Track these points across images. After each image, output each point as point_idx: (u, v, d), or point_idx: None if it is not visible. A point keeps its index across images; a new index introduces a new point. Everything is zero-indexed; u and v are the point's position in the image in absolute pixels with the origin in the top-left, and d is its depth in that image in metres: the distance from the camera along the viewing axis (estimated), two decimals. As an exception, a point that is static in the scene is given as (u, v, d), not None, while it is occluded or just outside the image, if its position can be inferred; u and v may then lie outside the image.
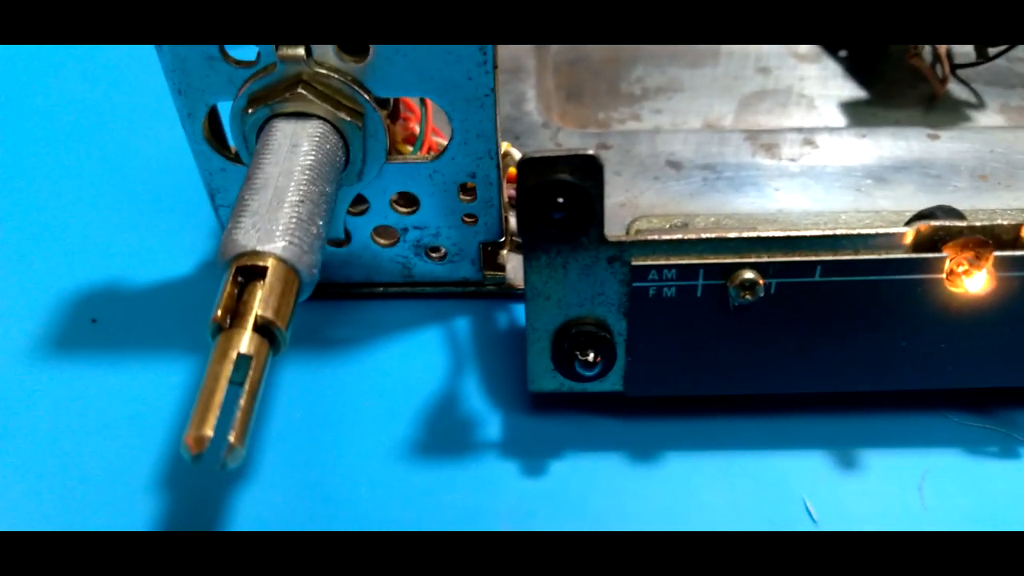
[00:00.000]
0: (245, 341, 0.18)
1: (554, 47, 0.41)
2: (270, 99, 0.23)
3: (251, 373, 0.18)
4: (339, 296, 0.29)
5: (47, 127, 0.38)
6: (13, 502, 0.24)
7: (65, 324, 0.29)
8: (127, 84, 0.41)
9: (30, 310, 0.30)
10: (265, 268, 0.19)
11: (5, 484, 0.25)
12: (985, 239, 0.21)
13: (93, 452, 0.25)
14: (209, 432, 0.17)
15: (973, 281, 0.21)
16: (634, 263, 0.21)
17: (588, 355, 0.23)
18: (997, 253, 0.21)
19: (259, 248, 0.20)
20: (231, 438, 0.17)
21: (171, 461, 0.25)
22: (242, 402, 0.18)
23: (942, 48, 0.37)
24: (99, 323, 0.29)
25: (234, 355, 0.18)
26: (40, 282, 0.31)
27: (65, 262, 0.31)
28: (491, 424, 0.26)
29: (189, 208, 0.33)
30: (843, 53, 0.40)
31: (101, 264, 0.31)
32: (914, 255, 0.21)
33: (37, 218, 0.34)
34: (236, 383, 0.18)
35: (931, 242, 0.21)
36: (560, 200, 0.20)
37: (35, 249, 0.32)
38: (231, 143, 0.26)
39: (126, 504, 0.24)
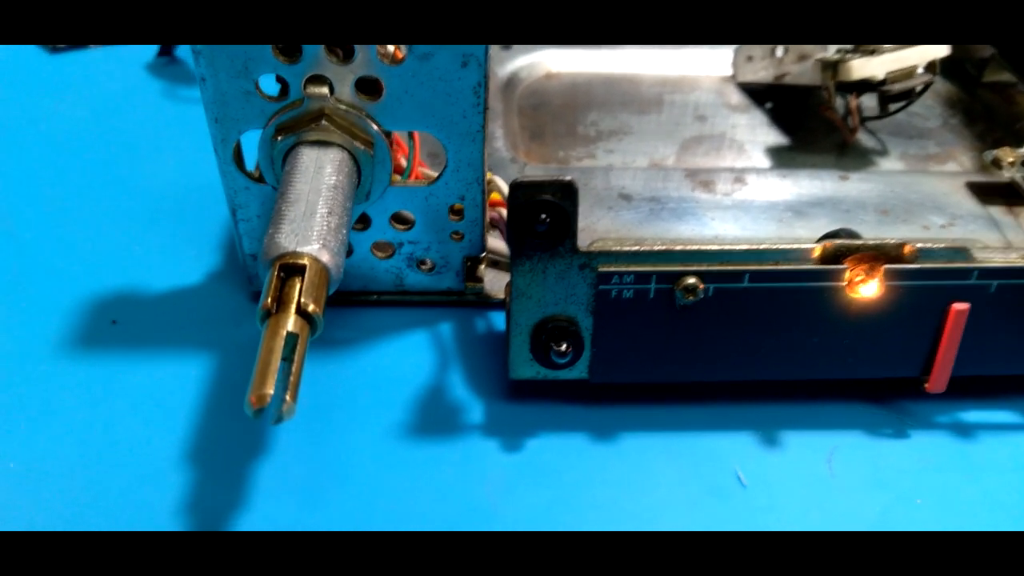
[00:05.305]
0: (291, 322, 0.22)
1: (518, 92, 0.46)
2: (297, 129, 0.27)
3: (298, 347, 0.22)
4: (339, 303, 0.33)
5: (71, 148, 0.42)
6: (40, 492, 0.27)
7: (88, 325, 0.32)
8: (153, 113, 0.45)
9: (56, 312, 0.33)
10: (304, 266, 0.24)
11: (32, 473, 0.27)
12: (876, 254, 0.26)
13: (116, 440, 0.28)
14: (269, 390, 0.21)
15: (868, 288, 0.27)
16: (600, 269, 0.26)
17: (561, 346, 0.27)
18: (886, 266, 0.26)
19: (298, 249, 0.24)
20: (287, 397, 0.21)
21: (192, 445, 0.28)
22: (293, 368, 0.22)
23: (853, 102, 0.43)
24: (119, 324, 0.32)
25: (284, 333, 0.22)
26: (65, 287, 0.34)
27: (88, 269, 0.35)
28: (474, 410, 0.30)
29: (199, 222, 0.37)
30: (769, 105, 0.46)
31: (120, 271, 0.35)
32: (821, 266, 0.26)
33: (62, 229, 0.37)
34: (284, 359, 0.22)
35: (834, 256, 0.26)
36: (543, 216, 0.25)
37: (60, 257, 0.35)
38: (247, 166, 0.30)
39: (150, 486, 0.27)
